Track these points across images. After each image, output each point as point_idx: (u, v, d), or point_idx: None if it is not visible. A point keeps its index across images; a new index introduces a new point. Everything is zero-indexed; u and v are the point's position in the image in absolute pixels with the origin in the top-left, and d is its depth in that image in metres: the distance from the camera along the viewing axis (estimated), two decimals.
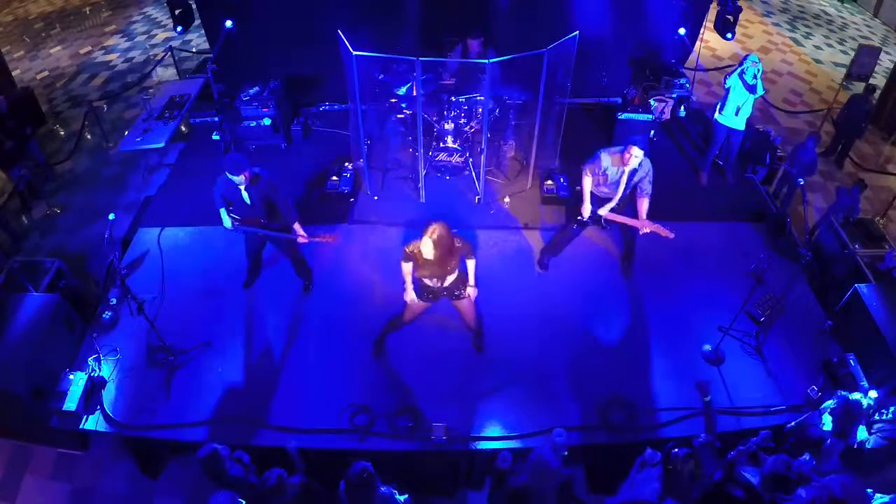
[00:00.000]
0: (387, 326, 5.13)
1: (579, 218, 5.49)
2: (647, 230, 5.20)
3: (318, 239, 5.09)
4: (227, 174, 4.74)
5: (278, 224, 5.18)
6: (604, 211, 5.36)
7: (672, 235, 5.12)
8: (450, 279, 4.51)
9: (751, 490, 3.63)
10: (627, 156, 5.04)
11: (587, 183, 5.34)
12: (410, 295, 4.64)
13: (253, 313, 5.60)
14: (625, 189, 5.29)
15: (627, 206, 5.44)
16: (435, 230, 4.12)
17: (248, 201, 4.96)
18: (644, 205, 5.26)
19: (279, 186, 5.05)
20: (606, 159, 5.20)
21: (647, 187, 5.24)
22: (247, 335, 5.41)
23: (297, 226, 5.12)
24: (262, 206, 5.02)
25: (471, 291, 4.66)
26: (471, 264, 4.58)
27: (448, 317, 5.21)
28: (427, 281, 4.51)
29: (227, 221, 5.05)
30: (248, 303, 5.70)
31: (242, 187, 4.85)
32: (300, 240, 5.13)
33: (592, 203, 5.38)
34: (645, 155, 5.05)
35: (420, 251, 4.23)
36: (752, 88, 6.35)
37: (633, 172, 5.19)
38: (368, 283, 5.89)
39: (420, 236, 4.21)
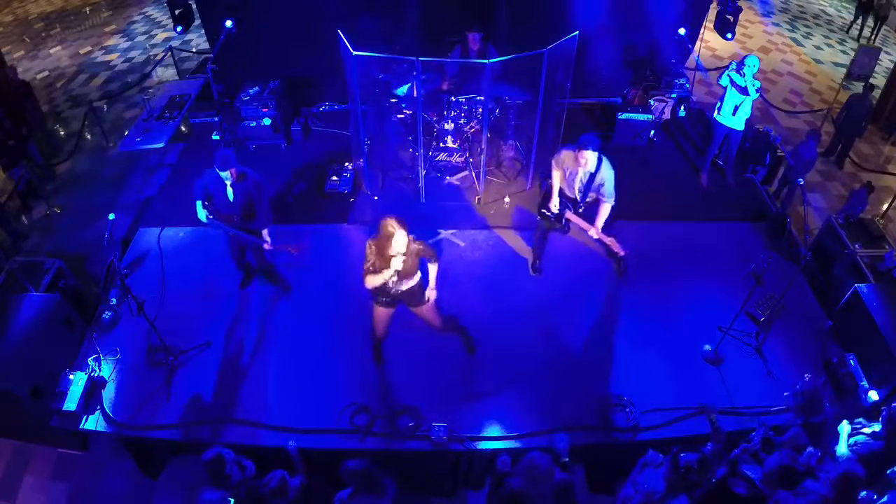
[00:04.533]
0: (373, 341, 5.03)
1: (543, 211, 5.40)
2: (596, 237, 5.06)
3: (282, 248, 5.16)
4: (216, 169, 4.76)
5: (252, 226, 5.16)
6: (568, 212, 5.25)
7: (623, 253, 4.93)
8: (408, 283, 4.38)
9: (753, 486, 3.63)
10: (581, 158, 4.89)
11: (556, 177, 5.25)
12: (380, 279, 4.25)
13: (253, 313, 5.60)
14: (585, 190, 5.15)
15: (594, 208, 5.27)
16: (397, 221, 4.00)
17: (230, 198, 4.96)
18: (603, 210, 5.10)
19: (265, 188, 5.08)
20: (567, 156, 5.09)
21: (606, 192, 5.06)
22: (247, 335, 5.41)
23: (265, 232, 5.16)
24: (241, 205, 5.02)
25: (430, 294, 4.56)
26: (433, 269, 4.51)
27: (452, 320, 5.21)
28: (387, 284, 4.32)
29: (201, 214, 5.00)
30: (248, 303, 5.69)
31: (229, 183, 4.87)
32: (265, 246, 5.17)
33: (561, 202, 5.28)
34: (599, 154, 4.90)
35: (390, 244, 4.06)
36: (743, 91, 6.36)
37: (592, 176, 5.03)
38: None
39: (376, 234, 4.15)
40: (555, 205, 5.31)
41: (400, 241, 4.05)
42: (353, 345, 5.29)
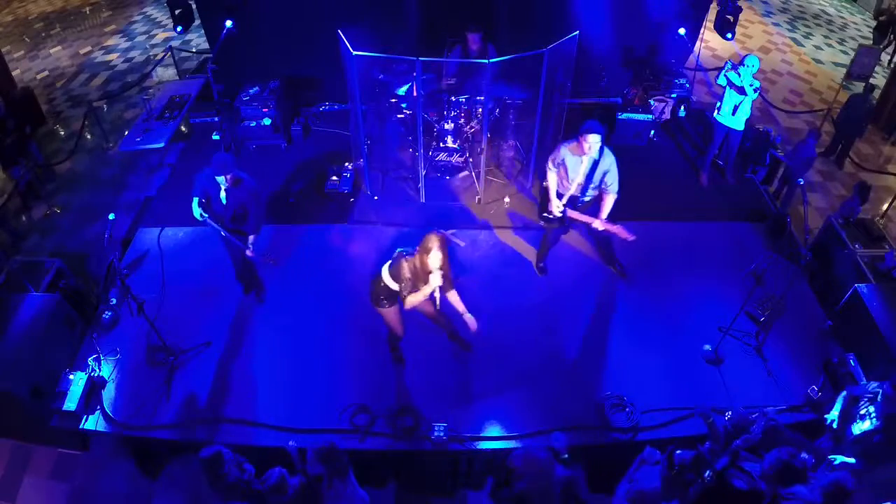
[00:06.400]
0: (394, 343, 5.08)
1: (545, 215, 5.38)
2: (602, 228, 5.06)
3: (262, 259, 5.23)
4: (213, 174, 4.77)
5: (243, 228, 5.14)
6: (570, 210, 5.21)
7: (632, 238, 4.97)
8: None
9: (752, 480, 3.63)
10: (585, 144, 4.82)
11: (552, 178, 5.22)
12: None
13: (253, 313, 5.61)
14: (586, 182, 5.09)
15: (594, 204, 5.27)
16: (440, 240, 4.09)
17: (223, 201, 4.96)
18: (608, 202, 5.10)
19: (261, 196, 5.12)
20: (564, 150, 5.07)
21: (610, 182, 5.04)
22: (247, 335, 5.41)
23: (251, 239, 5.14)
24: (233, 209, 5.02)
25: (469, 320, 4.40)
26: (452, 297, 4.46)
27: (449, 317, 5.20)
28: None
29: (196, 211, 4.95)
30: (248, 303, 5.69)
31: (224, 187, 4.87)
32: (247, 252, 5.16)
33: (560, 201, 5.24)
34: (603, 141, 4.85)
35: (426, 264, 4.15)
36: (741, 90, 6.37)
37: (595, 164, 4.98)
38: (368, 283, 5.87)
39: (413, 251, 4.21)
40: (557, 207, 5.26)
41: (434, 258, 4.11)
42: (353, 345, 5.30)
